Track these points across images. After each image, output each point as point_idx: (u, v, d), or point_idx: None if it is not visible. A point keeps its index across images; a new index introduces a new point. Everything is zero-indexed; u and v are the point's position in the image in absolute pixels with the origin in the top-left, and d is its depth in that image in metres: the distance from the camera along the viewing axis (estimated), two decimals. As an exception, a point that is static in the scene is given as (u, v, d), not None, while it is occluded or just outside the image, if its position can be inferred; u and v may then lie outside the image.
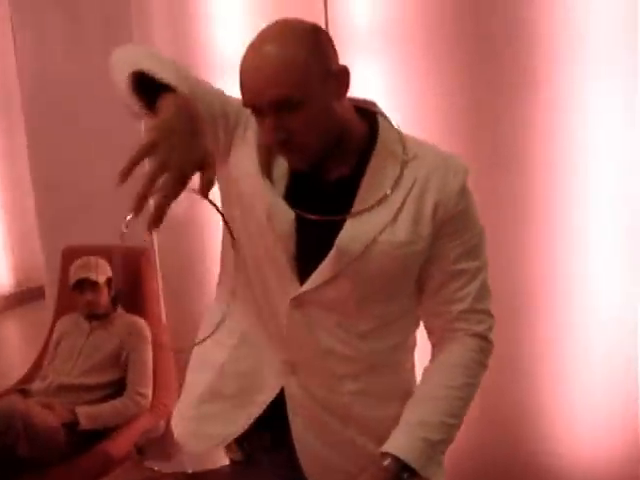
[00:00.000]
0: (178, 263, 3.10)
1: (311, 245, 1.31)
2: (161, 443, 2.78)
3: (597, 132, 2.21)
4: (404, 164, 1.30)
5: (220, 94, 1.39)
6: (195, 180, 1.04)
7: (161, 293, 3.04)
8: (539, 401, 2.40)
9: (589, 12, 2.16)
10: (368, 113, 1.36)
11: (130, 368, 2.69)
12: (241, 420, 1.42)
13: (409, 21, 2.40)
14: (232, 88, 2.67)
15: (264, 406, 1.40)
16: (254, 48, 1.23)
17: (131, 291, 2.90)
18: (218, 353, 1.45)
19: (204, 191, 1.04)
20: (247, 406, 1.41)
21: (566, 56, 2.21)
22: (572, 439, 2.38)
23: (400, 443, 1.25)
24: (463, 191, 1.32)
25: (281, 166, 1.35)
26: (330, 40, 1.27)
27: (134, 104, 1.20)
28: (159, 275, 3.04)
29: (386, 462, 1.23)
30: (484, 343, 1.35)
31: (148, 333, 2.76)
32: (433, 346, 1.40)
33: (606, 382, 2.31)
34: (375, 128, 1.34)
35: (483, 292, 1.35)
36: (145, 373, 2.71)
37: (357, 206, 1.29)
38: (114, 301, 2.81)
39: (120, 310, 2.80)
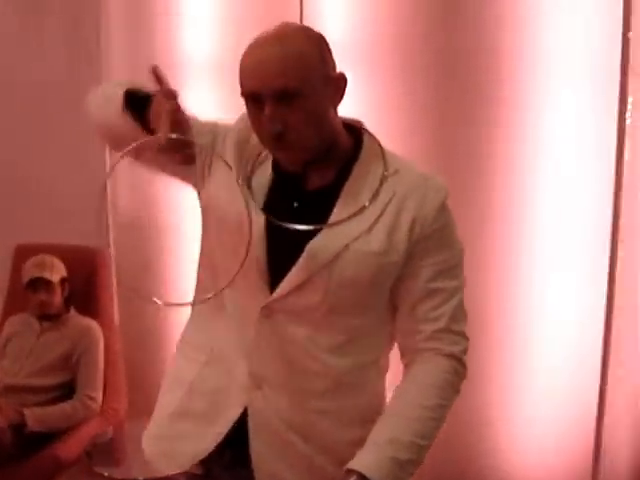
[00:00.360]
0: (133, 264, 3.07)
1: (283, 253, 1.32)
2: (109, 448, 2.74)
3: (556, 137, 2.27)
4: (384, 178, 1.32)
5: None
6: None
7: (115, 294, 3.00)
8: (488, 417, 2.44)
9: (550, 29, 2.22)
10: (355, 130, 1.39)
11: (80, 371, 2.64)
12: (210, 438, 1.40)
13: (379, 32, 2.43)
14: (200, 89, 2.67)
15: (230, 424, 1.38)
16: (264, 40, 1.26)
17: (85, 292, 2.84)
18: (188, 370, 1.45)
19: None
20: (215, 424, 1.40)
21: (528, 70, 2.26)
22: (521, 457, 2.42)
23: (368, 461, 1.23)
24: (442, 210, 1.33)
25: (262, 176, 1.37)
26: (331, 49, 1.32)
27: (125, 123, 1.29)
28: (114, 276, 2.99)
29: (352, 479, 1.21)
30: (459, 366, 1.34)
31: (100, 336, 2.71)
32: (405, 366, 1.39)
33: (558, 400, 2.35)
34: (359, 144, 1.37)
35: (459, 313, 1.34)
36: (96, 376, 2.66)
37: (334, 217, 1.31)
38: (67, 302, 2.75)
39: (73, 311, 2.75)
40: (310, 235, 1.30)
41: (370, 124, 1.40)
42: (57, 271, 2.71)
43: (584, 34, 2.18)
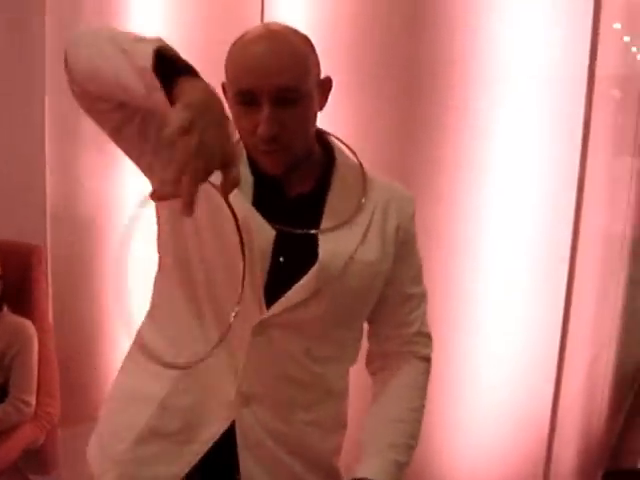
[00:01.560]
0: (69, 263, 2.95)
1: (282, 265, 1.27)
2: (40, 455, 2.62)
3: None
4: (365, 186, 1.33)
5: None
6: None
7: (49, 292, 2.88)
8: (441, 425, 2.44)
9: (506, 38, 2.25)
10: (319, 135, 1.36)
11: (14, 373, 2.50)
12: (186, 458, 1.32)
13: (336, 37, 2.41)
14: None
15: (211, 442, 1.31)
16: (258, 37, 1.22)
17: (18, 289, 2.70)
18: (156, 386, 1.33)
19: (227, 189, 0.98)
20: (192, 442, 1.32)
21: (479, 76, 2.28)
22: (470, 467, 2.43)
23: (376, 467, 1.26)
24: (413, 218, 1.39)
25: (243, 182, 1.29)
26: None
27: (150, 84, 1.03)
28: (49, 274, 2.87)
29: None
30: (429, 366, 1.42)
31: (34, 336, 2.57)
32: (377, 371, 1.42)
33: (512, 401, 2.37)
34: (330, 149, 1.36)
35: (426, 317, 1.42)
36: (29, 379, 2.53)
37: (325, 224, 1.29)
38: (0, 300, 2.61)
39: (5, 310, 2.61)
40: (306, 245, 1.27)
41: (326, 128, 1.39)
42: (-10, 268, 2.57)
43: (544, 40, 2.20)
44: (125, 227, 0.99)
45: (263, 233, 1.25)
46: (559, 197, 2.13)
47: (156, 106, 1.06)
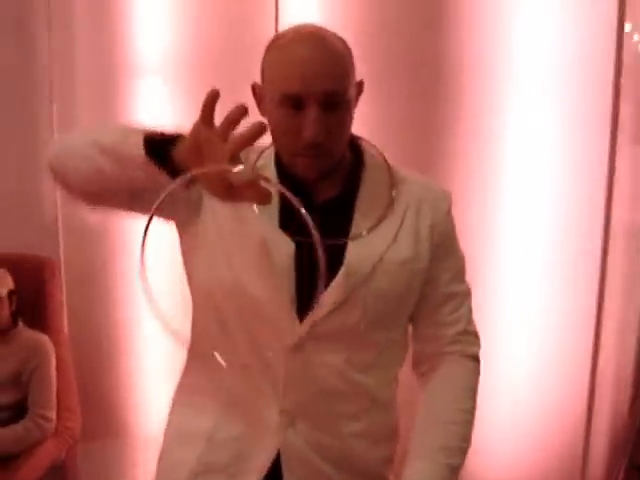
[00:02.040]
0: (83, 274, 2.90)
1: (308, 277, 1.22)
2: (61, 471, 2.57)
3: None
4: (395, 187, 1.31)
5: None
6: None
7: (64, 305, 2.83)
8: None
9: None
10: (350, 138, 1.32)
11: (32, 389, 2.46)
12: None
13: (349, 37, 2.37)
14: (152, 88, 2.55)
15: (265, 470, 1.29)
16: (302, 39, 1.19)
17: (33, 303, 2.66)
18: (202, 422, 1.33)
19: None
20: (245, 473, 1.30)
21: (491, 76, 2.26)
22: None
23: (427, 471, 1.23)
24: (449, 215, 1.36)
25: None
26: None
27: (144, 172, 1.07)
28: (63, 286, 2.82)
29: None
30: (478, 366, 1.37)
31: (52, 351, 2.54)
32: (426, 373, 1.38)
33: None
34: (359, 153, 1.33)
35: (471, 315, 1.38)
36: (49, 394, 2.49)
37: (355, 229, 1.26)
38: (15, 315, 2.56)
39: (21, 325, 2.56)
40: (335, 252, 1.23)
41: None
42: (4, 284, 2.51)
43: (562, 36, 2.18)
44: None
45: (282, 247, 1.23)
46: (588, 189, 2.10)
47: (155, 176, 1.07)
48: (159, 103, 2.72)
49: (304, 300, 1.23)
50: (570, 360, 2.22)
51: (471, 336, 1.37)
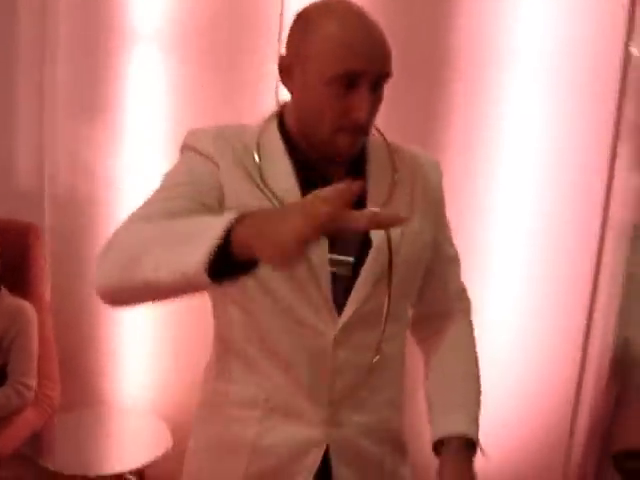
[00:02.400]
0: (67, 242, 2.85)
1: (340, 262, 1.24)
2: (38, 439, 2.54)
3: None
4: (395, 160, 1.33)
5: (191, 188, 1.20)
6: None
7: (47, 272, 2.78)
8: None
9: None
10: None
11: (13, 356, 2.43)
12: None
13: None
14: (144, 56, 2.50)
15: (315, 468, 1.28)
16: (360, 16, 1.17)
17: (16, 269, 2.61)
18: (245, 430, 1.30)
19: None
20: (295, 475, 1.29)
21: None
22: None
23: (466, 424, 1.29)
24: (441, 181, 1.40)
25: (281, 178, 1.23)
26: None
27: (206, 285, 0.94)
28: (47, 253, 2.77)
29: (460, 448, 1.26)
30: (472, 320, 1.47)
31: (34, 318, 2.50)
32: (425, 339, 1.45)
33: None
34: None
35: (461, 273, 1.47)
36: (30, 362, 2.45)
37: (370, 205, 1.26)
38: (-3, 281, 2.52)
39: (4, 291, 2.52)
40: (358, 234, 1.23)
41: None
42: (-13, 248, 2.46)
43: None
44: None
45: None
46: (588, 186, 2.10)
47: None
48: (152, 70, 2.67)
49: (338, 289, 1.24)
50: (560, 349, 2.24)
51: (466, 293, 1.46)
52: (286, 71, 1.22)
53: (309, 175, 1.24)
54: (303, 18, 1.21)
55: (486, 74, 2.29)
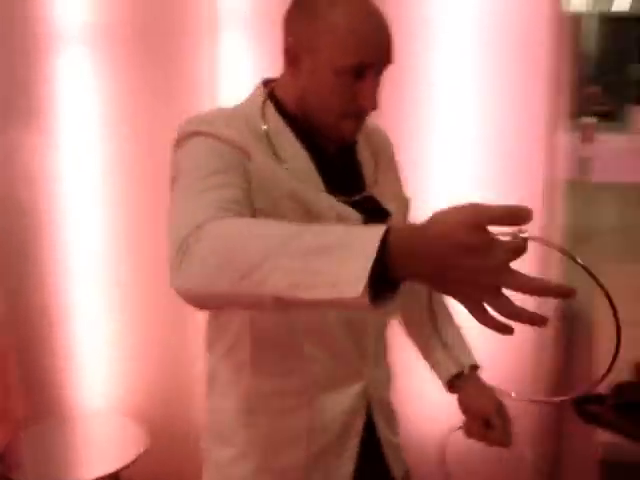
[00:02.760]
0: (15, 252, 2.78)
1: None
2: (11, 453, 2.49)
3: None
4: (369, 138, 1.40)
5: (231, 174, 1.16)
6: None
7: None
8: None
9: None
10: None
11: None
12: (347, 462, 1.37)
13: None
14: (75, 59, 2.44)
15: (361, 428, 1.36)
16: (367, 6, 1.21)
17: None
18: (298, 419, 1.32)
19: None
20: (349, 439, 1.35)
21: None
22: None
23: (472, 355, 1.46)
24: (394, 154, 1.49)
25: (296, 159, 1.25)
26: None
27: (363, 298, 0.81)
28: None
29: (479, 376, 1.45)
30: None
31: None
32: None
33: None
34: None
35: None
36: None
37: (368, 180, 1.34)
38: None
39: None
40: (375, 209, 1.31)
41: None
42: None
43: None
44: None
45: (356, 221, 1.26)
46: (526, 146, 2.17)
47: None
48: (84, 73, 2.61)
49: None
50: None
51: None
52: (292, 57, 1.23)
53: (312, 149, 1.28)
54: (308, 6, 1.22)
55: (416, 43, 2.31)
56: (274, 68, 2.25)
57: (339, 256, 0.81)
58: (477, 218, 0.75)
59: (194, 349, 2.61)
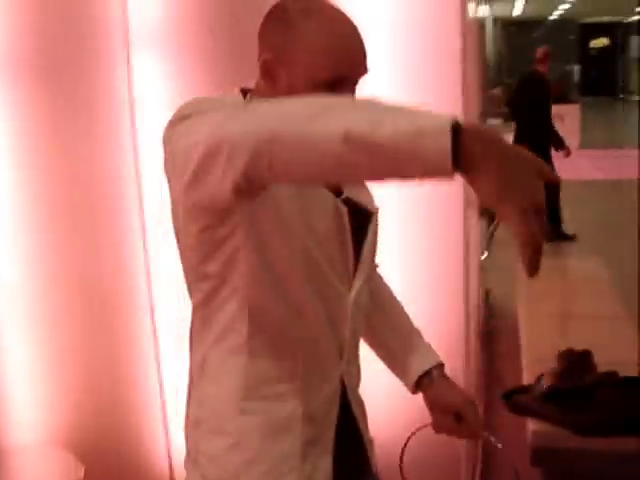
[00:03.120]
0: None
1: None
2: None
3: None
4: None
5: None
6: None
7: None
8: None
9: None
10: None
11: None
12: (328, 453, 1.36)
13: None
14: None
15: (338, 407, 1.36)
16: (343, 19, 1.21)
17: None
18: (291, 405, 1.30)
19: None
20: (331, 416, 1.35)
21: None
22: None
23: (436, 354, 1.50)
24: None
25: None
26: None
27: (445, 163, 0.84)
28: None
29: (445, 373, 1.49)
30: None
31: None
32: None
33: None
34: None
35: None
36: None
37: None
38: None
39: None
40: (354, 205, 1.32)
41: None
42: None
43: None
44: None
45: (344, 214, 1.28)
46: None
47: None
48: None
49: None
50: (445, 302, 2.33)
51: None
52: (268, 70, 1.22)
53: None
54: (283, 19, 1.21)
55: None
56: (190, 86, 2.26)
57: (419, 114, 0.87)
58: None
59: (127, 377, 2.57)
